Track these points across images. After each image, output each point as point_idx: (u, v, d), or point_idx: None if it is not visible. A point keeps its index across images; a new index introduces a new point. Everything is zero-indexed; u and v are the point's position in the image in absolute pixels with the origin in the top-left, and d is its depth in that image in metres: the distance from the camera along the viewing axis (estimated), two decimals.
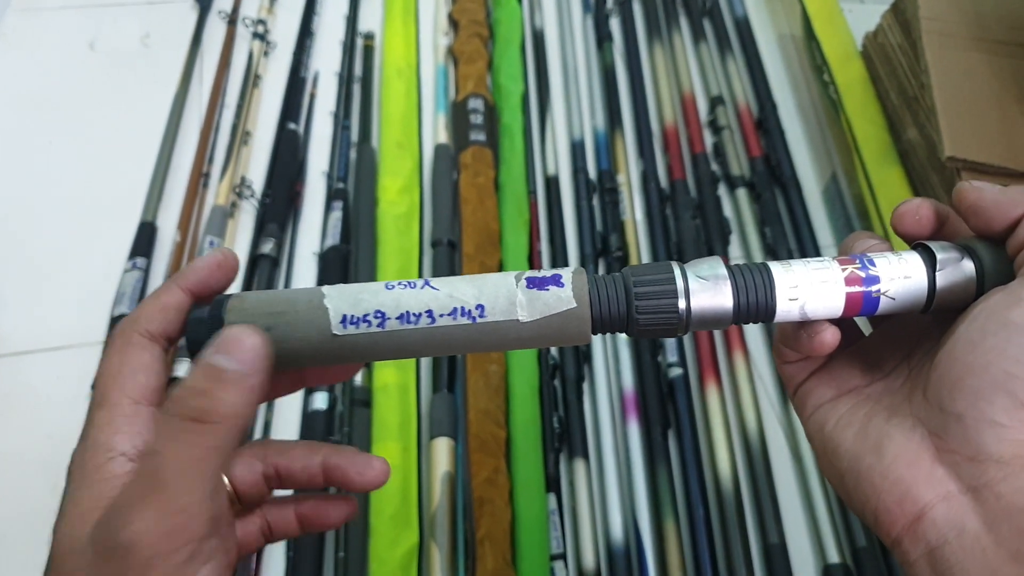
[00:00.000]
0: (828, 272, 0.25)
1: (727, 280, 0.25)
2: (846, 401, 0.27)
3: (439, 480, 0.62)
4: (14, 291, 0.74)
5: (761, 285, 0.25)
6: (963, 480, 0.22)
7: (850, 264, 0.25)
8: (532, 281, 0.24)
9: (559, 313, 0.24)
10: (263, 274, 0.74)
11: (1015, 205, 0.24)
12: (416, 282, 0.25)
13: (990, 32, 0.79)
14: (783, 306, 0.25)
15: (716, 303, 0.24)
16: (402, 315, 0.24)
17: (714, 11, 1.00)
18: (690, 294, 0.24)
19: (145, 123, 0.85)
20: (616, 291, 0.25)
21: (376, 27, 0.97)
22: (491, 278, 0.25)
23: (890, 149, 0.82)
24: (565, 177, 0.86)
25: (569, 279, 0.25)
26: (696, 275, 0.25)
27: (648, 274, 0.25)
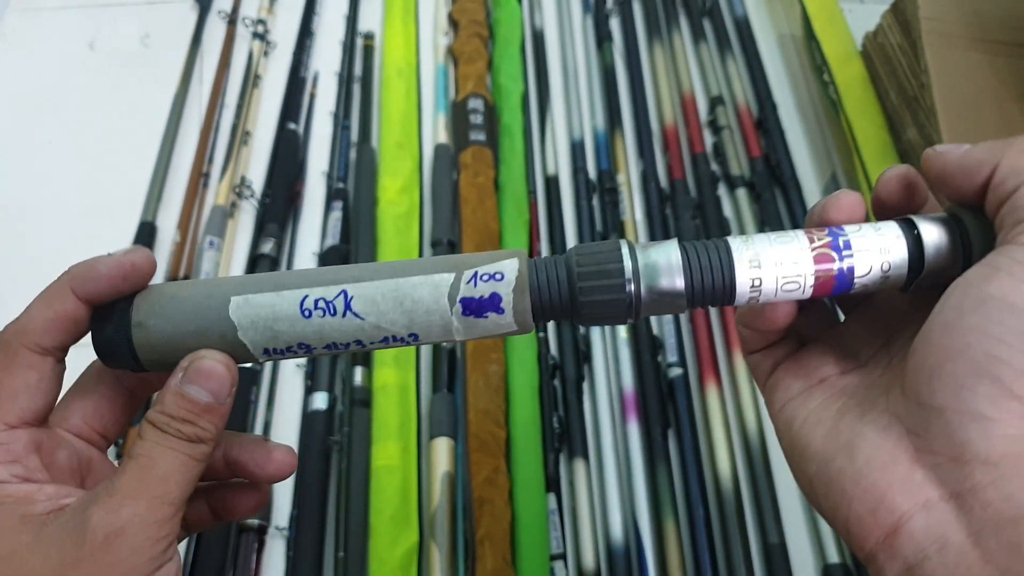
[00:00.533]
0: (795, 246, 0.22)
1: (679, 259, 0.22)
2: (817, 395, 0.24)
3: (439, 480, 0.62)
4: (13, 291, 0.74)
5: (718, 265, 0.22)
6: (945, 485, 0.20)
7: (820, 237, 0.22)
8: (468, 306, 0.22)
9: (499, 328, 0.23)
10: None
11: (981, 165, 0.22)
12: (334, 303, 0.22)
13: (990, 32, 0.79)
14: (744, 287, 0.22)
15: (667, 285, 0.22)
16: (329, 345, 0.23)
17: (714, 11, 1.00)
18: (639, 275, 0.22)
19: (145, 123, 0.85)
20: (558, 275, 0.22)
21: (376, 27, 0.97)
22: (422, 298, 0.22)
23: (890, 149, 0.82)
24: (565, 177, 0.86)
25: (509, 297, 0.22)
26: (645, 254, 0.22)
27: (593, 255, 0.22)
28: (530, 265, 0.23)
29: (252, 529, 0.60)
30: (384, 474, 0.61)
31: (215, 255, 0.73)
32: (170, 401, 0.23)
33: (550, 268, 0.23)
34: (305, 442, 0.65)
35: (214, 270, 0.72)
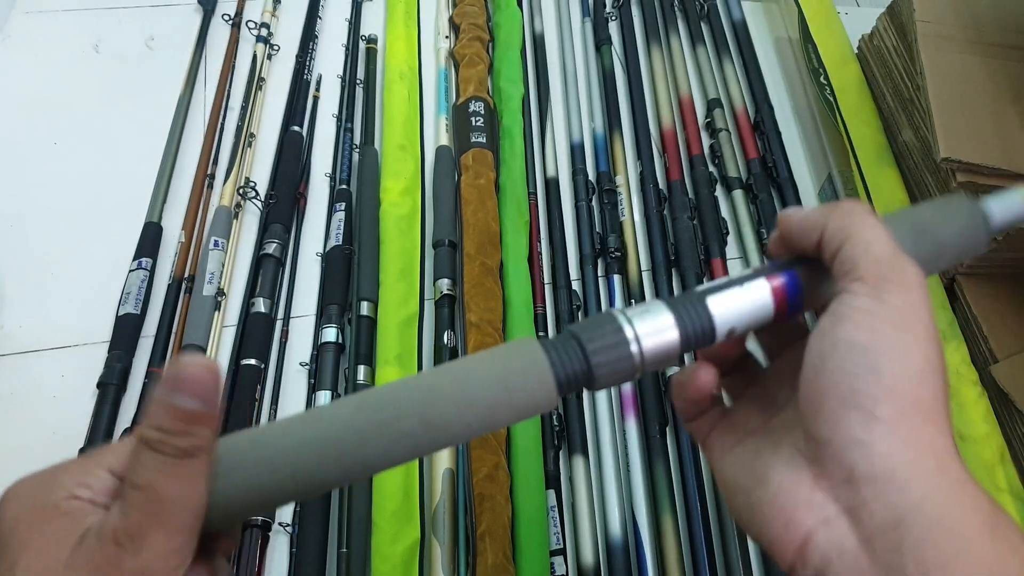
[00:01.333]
0: (757, 290, 0.26)
1: (670, 318, 0.25)
2: (747, 444, 0.28)
3: (440, 477, 0.63)
4: (20, 291, 0.75)
5: (701, 318, 0.25)
6: (840, 502, 0.23)
7: (776, 274, 0.26)
8: None
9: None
10: (267, 274, 0.75)
11: (813, 227, 0.26)
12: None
13: (985, 35, 0.80)
14: (722, 334, 0.26)
15: (665, 341, 0.25)
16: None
17: (711, 14, 1.01)
18: (640, 339, 0.25)
19: (150, 125, 0.86)
20: (573, 357, 0.25)
21: (378, 31, 0.98)
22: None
23: (886, 151, 0.83)
24: (564, 178, 0.87)
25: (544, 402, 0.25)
26: (641, 320, 0.25)
27: (597, 330, 0.25)
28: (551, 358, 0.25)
29: (256, 525, 0.60)
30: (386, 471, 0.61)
31: (220, 255, 0.74)
32: (161, 414, 0.22)
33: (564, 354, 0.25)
34: None
35: (219, 270, 0.73)
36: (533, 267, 0.77)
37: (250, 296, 0.73)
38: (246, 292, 0.74)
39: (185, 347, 0.68)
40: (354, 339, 0.70)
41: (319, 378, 0.68)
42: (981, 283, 0.73)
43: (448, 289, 0.73)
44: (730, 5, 1.03)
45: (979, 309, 0.71)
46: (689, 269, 0.78)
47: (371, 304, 0.72)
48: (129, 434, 0.63)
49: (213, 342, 0.70)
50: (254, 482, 0.23)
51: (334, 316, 0.71)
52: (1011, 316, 0.71)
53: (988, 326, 0.70)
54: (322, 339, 0.70)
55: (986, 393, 0.68)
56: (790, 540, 0.23)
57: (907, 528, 0.21)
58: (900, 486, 0.22)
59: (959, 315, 0.72)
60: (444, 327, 0.71)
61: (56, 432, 0.67)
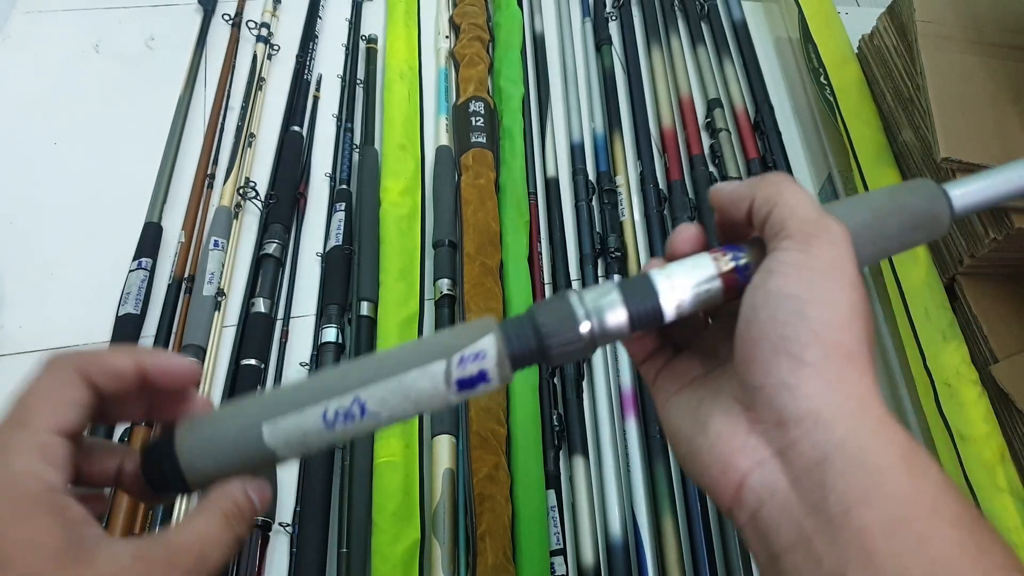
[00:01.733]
0: (704, 270, 0.27)
1: (619, 299, 0.27)
2: (688, 392, 0.29)
3: (440, 477, 0.63)
4: (20, 291, 0.75)
5: (646, 294, 0.27)
6: (772, 445, 0.24)
7: (724, 260, 0.28)
8: (462, 385, 0.26)
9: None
10: (267, 274, 0.75)
11: (743, 198, 0.27)
12: (352, 410, 0.26)
13: (985, 35, 0.80)
14: (669, 308, 0.27)
15: (615, 322, 0.27)
16: (349, 438, 0.27)
17: (712, 15, 1.01)
18: (591, 318, 0.27)
19: (150, 125, 0.86)
20: (527, 334, 0.27)
21: (378, 30, 0.98)
22: (424, 388, 0.26)
23: (886, 150, 0.83)
24: (564, 178, 0.87)
25: (494, 369, 0.26)
26: (592, 300, 0.27)
27: (551, 310, 0.27)
28: (504, 335, 0.27)
29: (256, 526, 0.60)
30: (386, 471, 0.62)
31: (220, 255, 0.74)
32: (241, 496, 0.27)
33: (521, 334, 0.27)
34: None
35: (219, 270, 0.73)
36: (533, 267, 0.77)
37: (250, 296, 0.73)
38: (246, 292, 0.74)
39: (185, 347, 0.68)
40: (354, 339, 0.70)
41: None
42: (981, 283, 0.73)
43: (448, 289, 0.73)
44: (730, 5, 1.03)
45: (979, 309, 0.71)
46: None
47: (371, 304, 0.72)
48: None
49: (213, 342, 0.70)
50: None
51: (334, 316, 0.71)
52: (1011, 316, 0.71)
53: (988, 326, 0.70)
54: (322, 339, 0.70)
55: (986, 393, 0.68)
56: (727, 483, 0.25)
57: (830, 464, 0.22)
58: (824, 426, 0.23)
59: (959, 315, 0.72)
60: (444, 327, 0.71)
61: None
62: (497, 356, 0.26)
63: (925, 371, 0.69)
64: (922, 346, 0.70)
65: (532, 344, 0.27)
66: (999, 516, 0.61)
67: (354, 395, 0.26)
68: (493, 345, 0.26)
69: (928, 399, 0.69)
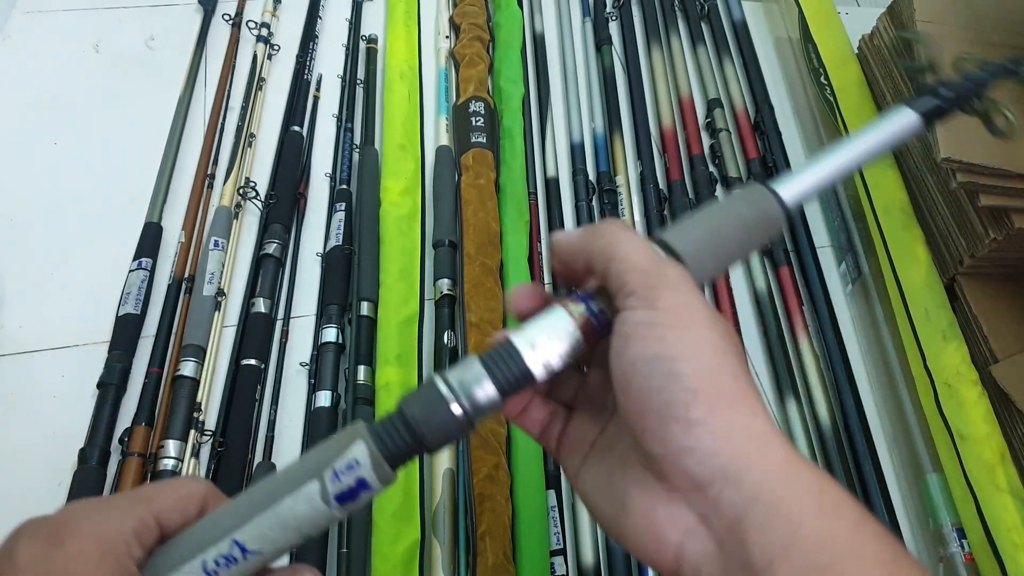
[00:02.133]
0: (561, 321, 0.27)
1: (483, 371, 0.26)
2: (594, 462, 0.28)
3: (440, 477, 0.63)
4: (20, 290, 0.75)
5: (511, 361, 0.26)
6: (694, 510, 0.23)
7: (577, 310, 0.27)
8: (342, 498, 0.26)
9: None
10: (267, 274, 0.75)
11: (579, 253, 0.27)
12: (232, 555, 0.25)
13: (985, 34, 0.80)
14: (538, 370, 0.27)
15: (485, 395, 0.26)
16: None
17: (712, 14, 1.01)
18: (459, 397, 0.26)
19: (150, 125, 0.86)
20: (400, 433, 0.26)
21: (378, 30, 0.98)
22: (303, 513, 0.25)
23: None
24: (565, 178, 0.87)
25: (371, 475, 0.26)
26: (457, 377, 0.26)
27: (419, 400, 0.26)
28: (375, 439, 0.26)
29: None
30: None
31: (220, 256, 0.74)
32: None
33: (393, 433, 0.26)
34: (309, 439, 0.66)
35: (219, 270, 0.73)
36: (533, 267, 0.77)
37: (250, 296, 0.73)
38: (246, 292, 0.74)
39: (185, 347, 0.68)
40: (354, 339, 0.70)
41: (319, 378, 0.68)
42: (981, 283, 0.73)
43: (448, 289, 0.73)
44: (730, 5, 1.03)
45: (979, 309, 0.71)
46: None
47: (371, 304, 0.72)
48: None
49: (213, 342, 0.70)
50: None
51: (334, 316, 0.71)
52: (1011, 316, 0.71)
53: (988, 326, 0.70)
54: (322, 339, 0.70)
55: (986, 393, 0.68)
56: (664, 558, 0.24)
57: (749, 521, 0.22)
58: (735, 482, 0.22)
59: (959, 315, 0.72)
60: (444, 327, 0.71)
61: (56, 432, 0.67)
62: (372, 461, 0.25)
63: (925, 371, 0.69)
64: (922, 346, 0.70)
65: (407, 439, 0.26)
66: (999, 516, 0.61)
67: (230, 539, 0.25)
68: (365, 451, 0.25)
69: (928, 399, 0.69)
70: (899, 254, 0.76)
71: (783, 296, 0.79)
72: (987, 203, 0.68)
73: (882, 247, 0.77)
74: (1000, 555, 0.59)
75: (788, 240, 0.82)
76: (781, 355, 0.74)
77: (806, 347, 0.75)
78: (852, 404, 0.71)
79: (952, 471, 0.65)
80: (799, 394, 0.72)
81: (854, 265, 0.82)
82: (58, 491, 0.62)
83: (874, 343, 0.78)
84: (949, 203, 0.74)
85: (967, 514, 0.63)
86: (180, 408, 0.65)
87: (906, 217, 0.78)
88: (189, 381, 0.66)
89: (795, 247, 0.82)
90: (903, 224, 0.77)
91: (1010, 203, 0.68)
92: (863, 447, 0.68)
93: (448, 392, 0.26)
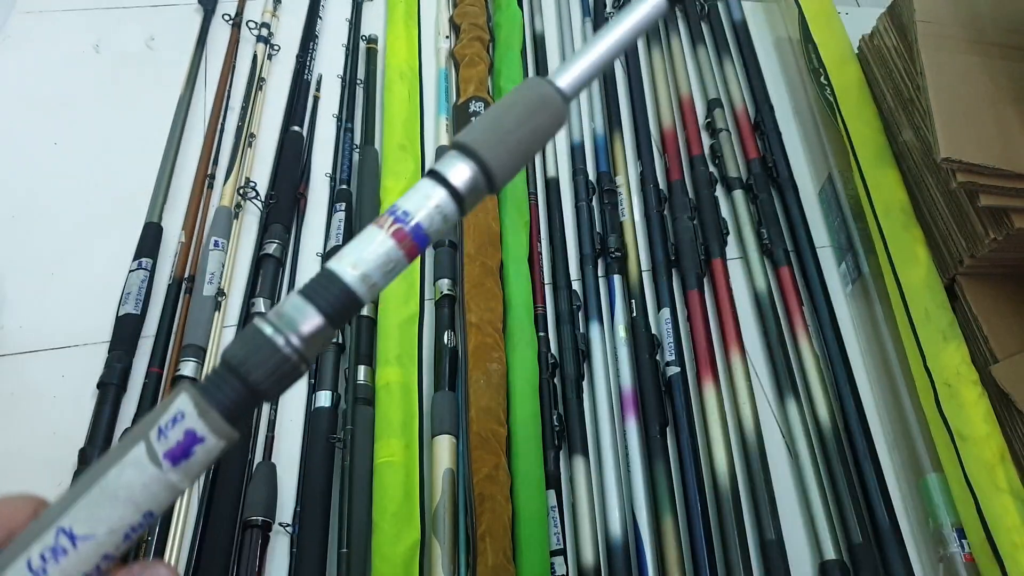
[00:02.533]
0: (374, 236, 0.26)
1: (303, 300, 0.25)
2: None
3: (440, 477, 0.63)
4: (20, 291, 0.75)
5: (330, 283, 0.25)
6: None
7: (386, 220, 0.26)
8: (173, 456, 0.24)
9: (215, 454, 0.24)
10: (267, 274, 0.74)
11: None
12: (59, 545, 0.23)
13: (986, 35, 0.80)
14: (359, 286, 0.25)
15: (310, 325, 0.25)
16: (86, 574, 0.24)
17: (711, 14, 1.01)
18: (286, 334, 0.24)
19: (150, 125, 0.86)
20: (227, 378, 0.24)
21: (378, 31, 0.98)
22: (131, 480, 0.23)
23: (886, 151, 0.83)
24: (564, 179, 0.87)
25: (201, 425, 0.24)
26: (276, 313, 0.25)
27: (243, 345, 0.25)
28: (201, 390, 0.24)
29: (256, 526, 0.60)
30: (387, 471, 0.62)
31: (220, 256, 0.74)
32: None
33: (219, 381, 0.25)
34: (309, 439, 0.66)
35: (219, 270, 0.73)
36: (533, 267, 0.77)
37: (250, 296, 0.73)
38: (246, 292, 0.74)
39: (185, 347, 0.68)
40: (354, 339, 0.70)
41: (319, 378, 0.68)
42: (981, 283, 0.73)
43: (448, 289, 0.73)
44: (730, 5, 1.03)
45: (979, 309, 0.71)
46: (689, 269, 0.78)
47: (371, 304, 0.72)
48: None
49: (213, 342, 0.70)
50: None
51: None
52: (1011, 316, 0.71)
53: (988, 326, 0.70)
54: None
55: (986, 393, 0.68)
56: None
57: None
58: None
59: (959, 315, 0.72)
60: (444, 327, 0.71)
61: (56, 432, 0.67)
62: (197, 410, 0.24)
63: (925, 371, 0.69)
64: (922, 346, 0.70)
65: (235, 385, 0.24)
66: (999, 516, 0.61)
67: (55, 527, 0.23)
68: (189, 401, 0.24)
69: (928, 399, 0.69)
70: (899, 254, 0.76)
71: (783, 296, 0.79)
72: (987, 203, 0.68)
73: (882, 247, 0.77)
74: (1000, 555, 0.59)
75: (788, 240, 0.82)
76: (781, 355, 0.74)
77: (806, 347, 0.75)
78: (852, 404, 0.71)
79: (952, 471, 0.65)
80: (799, 394, 0.72)
81: (854, 265, 0.82)
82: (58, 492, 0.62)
83: (874, 343, 0.78)
84: (949, 203, 0.74)
85: (967, 514, 0.63)
86: None
87: (906, 217, 0.78)
88: (189, 381, 0.66)
89: (795, 247, 0.82)
90: (903, 224, 0.77)
91: (1010, 203, 0.68)
92: (863, 447, 0.68)
93: (269, 329, 0.24)
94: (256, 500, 0.61)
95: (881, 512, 0.65)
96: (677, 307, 0.76)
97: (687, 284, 0.77)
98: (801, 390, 0.73)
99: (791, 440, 0.70)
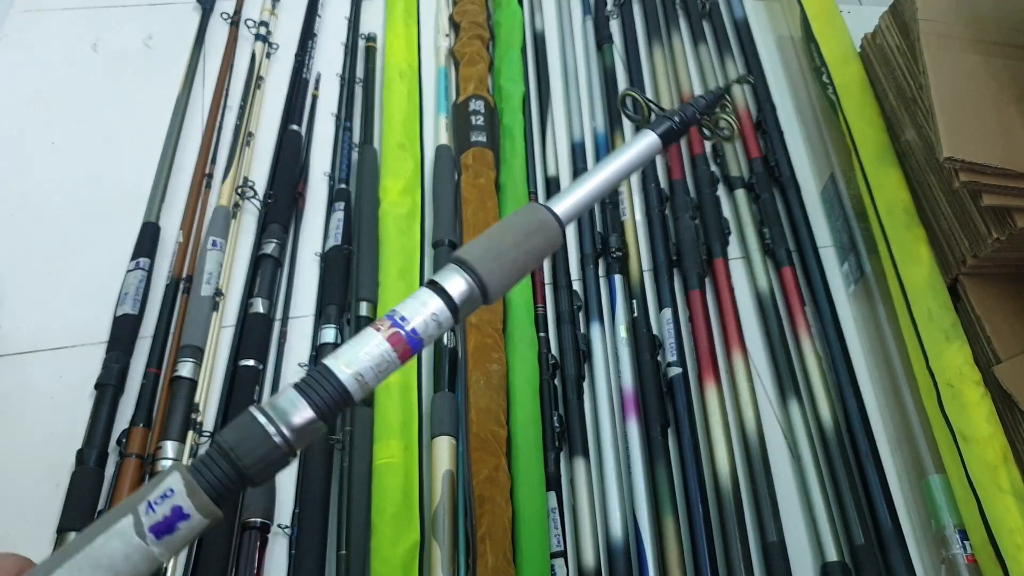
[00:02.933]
0: (371, 338, 0.28)
1: (298, 394, 0.27)
2: None
3: (440, 478, 0.62)
4: (18, 291, 0.75)
5: (325, 380, 0.27)
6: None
7: (384, 324, 0.28)
8: (158, 530, 0.25)
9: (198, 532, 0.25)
10: (265, 274, 0.74)
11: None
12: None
13: (988, 34, 0.79)
14: (352, 384, 0.27)
15: (301, 417, 0.26)
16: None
17: (713, 13, 1.01)
18: (278, 425, 0.26)
19: (148, 124, 0.86)
20: (219, 464, 0.26)
21: (378, 29, 0.97)
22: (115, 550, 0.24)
23: (888, 150, 0.83)
24: (565, 178, 0.86)
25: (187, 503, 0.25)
26: (271, 403, 0.26)
27: (237, 432, 0.26)
28: (191, 471, 0.26)
29: (255, 527, 0.60)
30: (386, 472, 0.61)
31: (218, 255, 0.74)
32: None
33: (210, 463, 0.26)
34: None
35: (217, 270, 0.73)
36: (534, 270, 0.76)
37: (248, 296, 0.73)
38: (244, 292, 0.74)
39: (183, 347, 0.68)
40: None
41: None
42: (984, 284, 0.73)
43: None
44: (732, 3, 1.03)
45: (982, 310, 0.71)
46: (691, 269, 0.77)
47: (370, 304, 0.71)
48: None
49: (211, 343, 0.70)
50: None
51: (333, 316, 0.71)
52: (1014, 317, 0.71)
53: (991, 327, 0.70)
54: (321, 340, 0.70)
55: (989, 394, 0.67)
56: None
57: None
58: None
59: (962, 316, 0.72)
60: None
61: (54, 433, 0.66)
62: (187, 488, 0.25)
63: (928, 372, 0.69)
64: (925, 347, 0.70)
65: (224, 468, 0.26)
66: (1001, 517, 0.61)
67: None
68: (179, 479, 0.25)
69: (931, 400, 0.68)
70: (902, 254, 0.75)
71: (785, 296, 0.78)
72: (990, 203, 0.68)
73: (884, 247, 0.76)
74: (1002, 556, 0.59)
75: (791, 240, 0.82)
76: (783, 355, 0.74)
77: (808, 347, 0.74)
78: (854, 405, 0.70)
79: (954, 472, 0.65)
80: (801, 395, 0.72)
81: (856, 265, 0.81)
82: (56, 492, 0.62)
83: (876, 343, 0.77)
84: (952, 203, 0.74)
85: (970, 515, 0.63)
86: (178, 409, 0.65)
87: (909, 217, 0.77)
88: (187, 382, 0.66)
89: (797, 247, 0.82)
90: (906, 224, 0.77)
91: (1013, 203, 0.67)
92: (866, 448, 0.68)
93: (263, 418, 0.26)
94: (254, 501, 0.61)
95: (883, 513, 0.65)
96: (678, 307, 0.76)
97: (688, 284, 0.77)
98: (803, 390, 0.72)
99: (793, 441, 0.70)
